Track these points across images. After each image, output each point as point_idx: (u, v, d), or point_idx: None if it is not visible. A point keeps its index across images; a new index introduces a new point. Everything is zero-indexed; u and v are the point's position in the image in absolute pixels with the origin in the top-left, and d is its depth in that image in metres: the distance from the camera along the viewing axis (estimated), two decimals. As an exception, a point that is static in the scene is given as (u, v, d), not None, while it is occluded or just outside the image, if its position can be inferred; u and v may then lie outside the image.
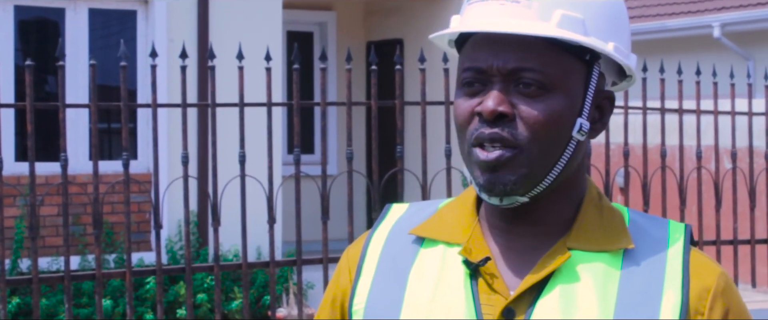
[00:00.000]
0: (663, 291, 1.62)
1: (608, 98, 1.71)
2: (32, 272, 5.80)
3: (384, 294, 1.70)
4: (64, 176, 5.86)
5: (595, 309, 1.60)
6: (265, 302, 9.49)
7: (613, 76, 1.73)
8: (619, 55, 1.67)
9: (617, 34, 1.68)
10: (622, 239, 1.66)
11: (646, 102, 7.19)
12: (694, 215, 8.19)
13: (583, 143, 1.68)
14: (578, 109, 1.65)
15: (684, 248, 1.67)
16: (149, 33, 9.69)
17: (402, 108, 6.60)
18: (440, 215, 1.75)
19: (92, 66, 5.88)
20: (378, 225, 1.80)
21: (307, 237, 7.51)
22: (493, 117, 1.60)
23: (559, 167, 1.64)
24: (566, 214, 1.69)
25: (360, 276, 1.74)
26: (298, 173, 6.31)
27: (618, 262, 1.64)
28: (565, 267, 1.63)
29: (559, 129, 1.62)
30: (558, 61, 1.62)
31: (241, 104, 6.19)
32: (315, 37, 12.91)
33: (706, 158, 8.38)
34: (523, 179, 1.61)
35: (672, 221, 1.73)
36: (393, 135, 6.79)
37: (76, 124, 9.30)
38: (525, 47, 1.61)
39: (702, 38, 14.25)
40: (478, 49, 1.64)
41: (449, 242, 1.70)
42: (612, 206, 1.73)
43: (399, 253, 1.73)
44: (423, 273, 1.69)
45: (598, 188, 1.75)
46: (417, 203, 1.84)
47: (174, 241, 9.67)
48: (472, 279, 1.65)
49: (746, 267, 7.82)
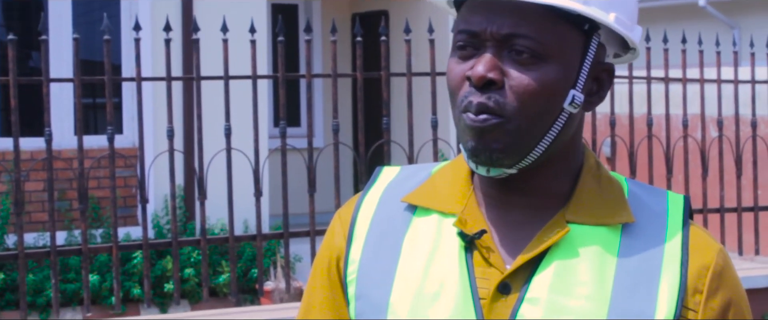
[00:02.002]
0: (662, 267, 1.60)
1: (607, 70, 1.65)
2: (18, 248, 5.78)
3: (376, 264, 1.66)
4: (48, 151, 5.84)
5: (592, 286, 1.57)
6: (252, 275, 9.49)
7: (615, 47, 1.68)
8: (621, 26, 1.61)
9: (621, 4, 1.62)
10: (622, 213, 1.63)
11: (632, 71, 7.19)
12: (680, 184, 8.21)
13: (577, 115, 1.63)
14: (572, 80, 1.59)
15: (683, 223, 1.64)
16: (133, 6, 9.64)
17: (388, 79, 6.58)
18: (433, 182, 1.71)
19: (76, 40, 5.84)
20: (369, 188, 1.75)
21: (294, 209, 7.50)
22: (482, 83, 1.56)
23: (549, 139, 1.59)
24: (563, 186, 1.65)
25: (352, 242, 1.70)
26: (285, 146, 6.30)
27: (616, 237, 1.61)
28: (563, 242, 1.60)
29: (550, 99, 1.58)
30: (554, 30, 1.57)
31: (225, 77, 6.16)
32: (300, 9, 12.87)
33: (693, 127, 8.39)
34: (509, 148, 1.57)
35: (671, 192, 1.70)
36: (379, 107, 6.78)
37: (61, 98, 9.26)
38: (521, 13, 1.56)
39: (687, 7, 14.26)
40: (474, 12, 1.60)
41: (444, 212, 1.66)
42: (610, 176, 1.69)
43: (391, 220, 1.69)
44: (416, 242, 1.65)
45: (597, 157, 1.71)
46: (409, 166, 1.79)
47: (160, 216, 9.66)
48: (467, 251, 1.62)
49: (733, 235, 7.84)
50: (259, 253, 6.28)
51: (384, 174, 1.77)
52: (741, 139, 7.71)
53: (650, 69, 7.29)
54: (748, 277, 7.09)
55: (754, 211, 7.71)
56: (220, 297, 9.42)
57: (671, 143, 7.41)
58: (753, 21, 13.78)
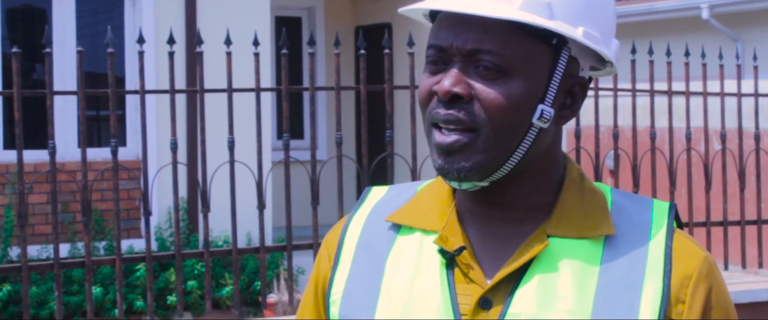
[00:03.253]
0: (644, 278, 1.58)
1: (580, 84, 1.64)
2: (22, 260, 5.78)
3: (361, 283, 1.67)
4: (52, 164, 5.84)
5: (574, 299, 1.56)
6: (255, 288, 9.48)
7: (591, 61, 1.66)
8: (591, 40, 1.60)
9: (592, 18, 1.61)
10: (603, 225, 1.61)
11: (635, 84, 7.19)
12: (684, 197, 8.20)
13: (549, 128, 1.61)
14: (541, 94, 1.59)
15: (667, 232, 1.63)
16: (136, 19, 9.65)
17: (391, 92, 6.58)
18: (417, 200, 1.71)
19: (79, 53, 5.85)
20: (356, 209, 1.76)
21: (297, 222, 7.49)
22: (448, 97, 1.57)
23: (519, 153, 1.59)
24: (543, 198, 1.64)
25: (338, 264, 1.71)
26: (288, 158, 6.30)
27: (598, 250, 1.60)
28: (544, 256, 1.59)
29: (518, 113, 1.57)
30: (520, 45, 1.56)
31: (229, 90, 6.17)
32: (303, 21, 12.88)
33: (696, 140, 8.39)
34: (477, 166, 1.57)
35: (657, 201, 1.68)
36: (382, 119, 6.78)
37: (64, 111, 9.27)
38: (486, 28, 1.56)
39: (691, 20, 14.26)
40: (442, 27, 1.60)
41: (425, 229, 1.66)
42: (594, 187, 1.68)
43: (376, 240, 1.70)
44: (400, 261, 1.66)
45: (580, 168, 1.70)
46: (397, 186, 1.80)
47: (164, 228, 9.66)
48: (448, 268, 1.62)
49: (736, 248, 7.83)
50: (262, 266, 6.28)
51: (371, 194, 1.78)
52: (744, 152, 7.71)
53: (653, 82, 7.29)
54: (751, 291, 7.08)
55: (757, 224, 7.70)
56: (223, 309, 9.41)
57: (674, 156, 7.41)
58: (756, 34, 13.78)
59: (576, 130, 7.02)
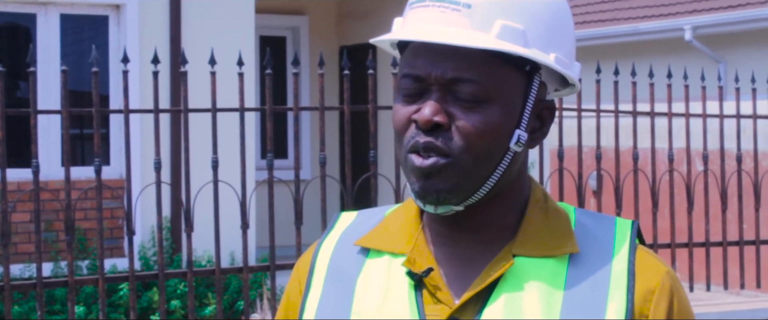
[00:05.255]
0: (608, 295, 1.60)
1: (548, 107, 1.68)
2: (4, 279, 5.77)
3: (332, 308, 1.68)
4: (35, 182, 5.84)
5: (541, 317, 1.58)
6: (238, 307, 9.47)
7: (554, 83, 1.70)
8: (561, 65, 1.63)
9: (559, 43, 1.64)
10: (567, 243, 1.64)
11: (618, 105, 7.22)
12: (666, 217, 8.24)
13: (521, 152, 1.65)
14: (516, 120, 1.62)
15: (630, 249, 1.65)
16: (121, 38, 9.65)
17: (375, 112, 6.60)
18: (386, 224, 1.73)
19: (64, 72, 5.86)
20: (326, 235, 1.78)
21: (281, 242, 7.50)
22: (429, 127, 1.59)
23: (495, 177, 1.62)
24: (509, 219, 1.67)
25: (309, 290, 1.72)
26: (272, 178, 6.31)
27: (563, 267, 1.62)
28: (511, 275, 1.61)
29: (496, 140, 1.60)
30: (497, 72, 1.59)
31: (213, 109, 6.18)
32: (288, 41, 12.90)
33: (678, 161, 8.42)
34: (456, 189, 1.59)
35: (619, 218, 1.71)
36: (366, 139, 6.79)
37: (48, 129, 9.25)
38: (463, 57, 1.58)
39: (673, 41, 14.33)
40: (417, 56, 1.62)
41: (394, 252, 1.68)
42: (558, 207, 1.70)
43: (346, 264, 1.71)
44: (369, 284, 1.67)
45: (544, 190, 1.73)
46: (366, 211, 1.81)
47: (147, 247, 9.64)
48: (417, 290, 1.64)
49: (718, 269, 7.86)
50: (246, 285, 6.28)
51: (341, 220, 1.81)
52: (726, 173, 7.75)
53: (636, 103, 7.33)
54: (733, 311, 7.11)
55: (739, 245, 7.73)
56: (206, 329, 9.39)
57: (657, 177, 7.45)
58: (738, 55, 13.85)
59: (559, 150, 7.05)
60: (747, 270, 7.74)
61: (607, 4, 16.14)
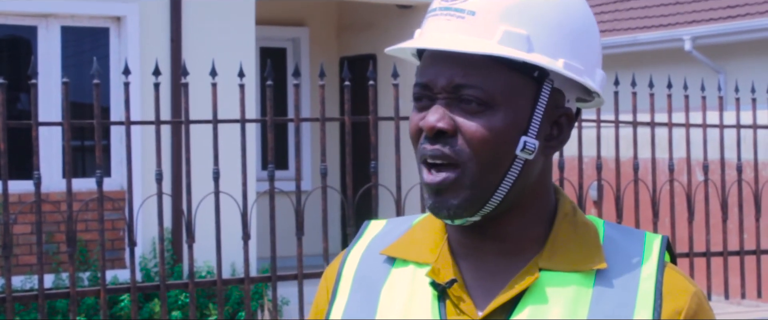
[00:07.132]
0: (634, 313, 1.59)
1: (566, 115, 1.66)
2: (6, 291, 5.77)
3: (357, 315, 1.69)
4: (37, 194, 5.85)
5: None
6: (240, 318, 9.47)
7: (576, 92, 1.69)
8: (572, 71, 1.62)
9: (573, 50, 1.63)
10: (595, 258, 1.63)
11: (618, 115, 7.23)
12: (667, 227, 8.24)
13: (536, 160, 1.64)
14: (524, 126, 1.61)
15: (658, 265, 1.64)
16: (122, 50, 9.67)
17: (376, 123, 6.61)
18: (412, 233, 1.74)
19: (65, 84, 5.87)
20: (355, 243, 1.79)
21: (282, 253, 7.50)
22: (433, 133, 1.60)
23: (506, 186, 1.61)
24: (536, 231, 1.66)
25: (336, 298, 1.73)
26: (273, 189, 6.32)
27: (590, 283, 1.61)
28: (536, 289, 1.60)
29: (501, 146, 1.59)
30: (502, 78, 1.59)
31: (214, 121, 6.19)
32: (288, 53, 12.92)
33: (679, 171, 8.43)
34: (466, 202, 1.60)
35: (649, 233, 1.69)
36: (367, 150, 6.80)
37: (50, 141, 9.27)
38: (467, 64, 1.59)
39: (673, 51, 14.33)
40: (427, 65, 1.64)
41: (419, 262, 1.68)
42: (586, 221, 1.69)
43: (372, 273, 1.72)
44: (394, 293, 1.67)
45: (573, 202, 1.72)
46: (394, 219, 1.82)
47: (148, 258, 9.64)
48: (440, 301, 1.64)
49: (719, 279, 7.86)
50: (247, 296, 6.28)
51: (370, 228, 1.81)
52: (727, 183, 7.75)
53: (636, 113, 7.34)
54: (734, 321, 7.10)
55: (740, 255, 7.73)
56: (207, 340, 9.39)
57: (657, 187, 7.45)
58: (738, 66, 13.86)
59: (560, 160, 7.06)
60: (748, 279, 7.74)
61: (607, 14, 16.16)
